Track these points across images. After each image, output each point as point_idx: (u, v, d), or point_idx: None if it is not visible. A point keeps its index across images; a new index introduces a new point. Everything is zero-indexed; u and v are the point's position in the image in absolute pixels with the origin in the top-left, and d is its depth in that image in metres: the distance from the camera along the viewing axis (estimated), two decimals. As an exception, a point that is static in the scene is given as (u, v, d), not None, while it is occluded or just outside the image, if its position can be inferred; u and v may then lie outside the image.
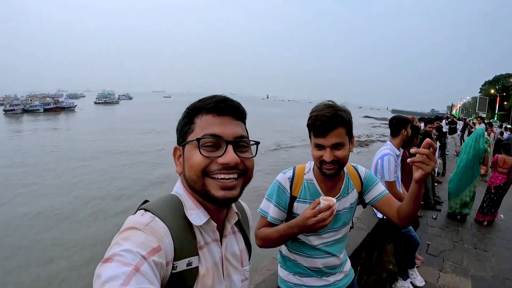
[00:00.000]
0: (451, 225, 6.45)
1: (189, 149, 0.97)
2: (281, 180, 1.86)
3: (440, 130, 9.97)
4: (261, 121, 53.21)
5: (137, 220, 0.88)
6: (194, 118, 0.99)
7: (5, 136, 36.29)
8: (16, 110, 77.96)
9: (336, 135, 1.62)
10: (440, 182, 9.80)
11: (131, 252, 0.76)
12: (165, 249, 0.84)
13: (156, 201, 0.98)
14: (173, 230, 0.90)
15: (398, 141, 3.78)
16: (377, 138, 35.78)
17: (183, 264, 0.91)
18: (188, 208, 0.99)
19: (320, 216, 1.48)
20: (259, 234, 1.84)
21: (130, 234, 0.82)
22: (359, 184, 1.93)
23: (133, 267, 0.73)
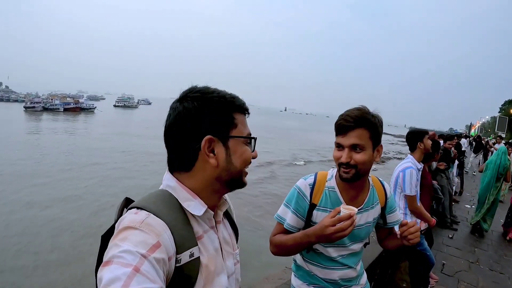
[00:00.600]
0: (467, 245, 6.31)
1: (237, 143, 1.03)
2: (301, 186, 1.80)
3: (459, 148, 9.83)
4: (279, 134, 53.28)
5: (132, 218, 0.86)
6: (233, 114, 1.04)
7: (24, 131, 36.93)
8: (37, 107, 79.67)
9: (357, 136, 1.56)
10: (457, 201, 9.61)
11: (130, 252, 0.76)
12: (165, 244, 0.84)
13: (147, 197, 0.98)
14: (171, 223, 0.90)
15: (418, 154, 3.64)
16: (393, 155, 35.31)
17: (186, 256, 0.91)
18: (184, 200, 0.99)
19: (339, 226, 1.39)
20: (274, 240, 1.79)
21: (128, 234, 0.81)
22: (383, 199, 1.87)
23: (133, 267, 0.73)
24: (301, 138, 52.60)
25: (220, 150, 1.00)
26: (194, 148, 0.99)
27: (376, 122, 1.60)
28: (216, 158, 1.00)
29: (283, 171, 22.81)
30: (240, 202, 13.88)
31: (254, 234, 10.82)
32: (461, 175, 10.80)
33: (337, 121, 1.63)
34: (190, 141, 0.99)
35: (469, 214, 8.55)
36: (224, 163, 1.01)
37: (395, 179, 3.59)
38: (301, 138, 53.30)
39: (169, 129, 1.02)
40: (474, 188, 12.01)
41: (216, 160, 1.00)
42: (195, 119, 0.98)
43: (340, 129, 1.60)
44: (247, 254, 8.21)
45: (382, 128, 1.64)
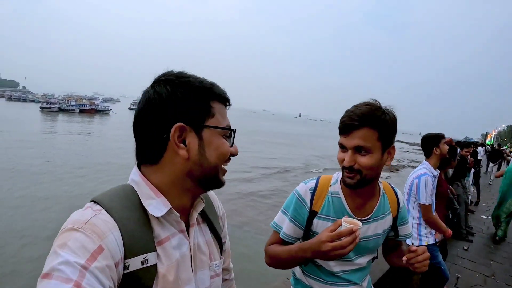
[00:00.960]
0: (483, 258, 6.07)
1: (212, 134, 0.91)
2: (300, 191, 1.60)
3: (475, 157, 9.59)
4: (293, 140, 53.29)
5: (78, 218, 0.77)
6: (210, 102, 0.93)
7: (40, 131, 37.37)
8: (53, 108, 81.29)
9: (361, 137, 1.36)
10: (473, 212, 9.34)
11: (69, 264, 0.68)
12: (109, 247, 0.74)
13: (107, 192, 0.87)
14: (122, 223, 0.79)
15: (434, 160, 3.42)
16: (408, 164, 34.87)
17: (137, 262, 0.80)
18: (145, 198, 0.87)
19: (338, 243, 1.20)
20: (269, 251, 1.62)
21: (68, 239, 0.72)
22: (395, 208, 1.66)
23: (73, 283, 0.65)
24: (315, 145, 52.41)
25: (193, 141, 0.89)
26: (162, 137, 0.87)
27: (387, 119, 1.38)
28: (187, 150, 0.88)
29: (299, 179, 22.70)
30: (255, 211, 13.79)
31: (259, 241, 10.64)
32: (477, 185, 10.54)
33: (342, 117, 1.44)
34: (158, 128, 0.87)
35: (485, 225, 8.32)
36: (196, 156, 0.89)
37: (409, 187, 3.39)
38: (315, 144, 53.12)
39: (138, 116, 0.90)
40: (490, 198, 11.75)
41: (186, 151, 0.88)
42: (166, 104, 0.87)
43: (343, 127, 1.41)
44: (249, 263, 8.05)
45: (395, 127, 1.43)
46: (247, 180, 19.35)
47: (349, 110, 1.42)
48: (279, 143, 43.48)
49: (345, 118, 1.40)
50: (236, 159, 1.07)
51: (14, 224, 11.16)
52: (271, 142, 44.60)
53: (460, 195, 6.60)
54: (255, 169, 23.00)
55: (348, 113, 1.40)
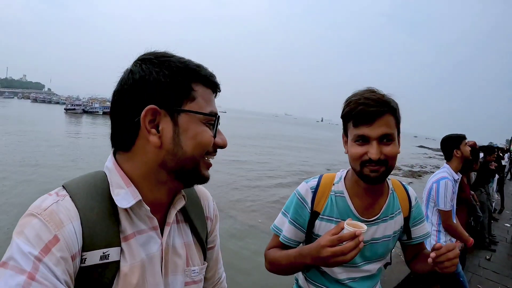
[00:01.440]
0: (506, 268, 5.83)
1: (190, 120, 0.81)
2: (301, 191, 1.49)
3: (499, 162, 9.30)
4: (318, 144, 52.98)
5: (39, 203, 0.73)
6: (192, 84, 0.82)
7: (65, 132, 38.09)
8: (77, 110, 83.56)
9: (385, 124, 1.24)
10: (497, 220, 9.00)
11: (23, 253, 0.65)
12: (66, 238, 0.69)
13: (78, 177, 0.82)
14: (83, 212, 0.73)
15: (455, 164, 3.23)
16: (430, 170, 34.07)
17: (95, 256, 0.73)
18: (115, 187, 0.79)
19: (339, 248, 1.09)
20: (268, 255, 1.51)
21: (25, 225, 0.69)
22: (407, 208, 1.53)
23: (27, 275, 0.63)
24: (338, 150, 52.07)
25: (167, 126, 0.79)
26: (134, 121, 0.78)
27: (397, 105, 1.31)
28: (159, 137, 0.78)
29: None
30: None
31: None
32: (502, 192, 10.21)
33: (352, 107, 1.29)
34: (130, 112, 0.79)
35: (508, 234, 8.01)
36: (170, 144, 0.79)
37: (428, 191, 3.23)
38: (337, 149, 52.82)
39: (112, 98, 0.83)
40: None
41: (159, 139, 0.79)
42: (139, 85, 0.79)
43: (363, 116, 1.26)
44: (251, 269, 7.94)
45: (400, 113, 1.34)
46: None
47: (358, 98, 1.28)
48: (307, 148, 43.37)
49: (362, 106, 1.26)
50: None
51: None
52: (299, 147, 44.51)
53: (483, 202, 6.39)
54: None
55: (362, 100, 1.26)
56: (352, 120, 1.30)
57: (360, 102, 1.26)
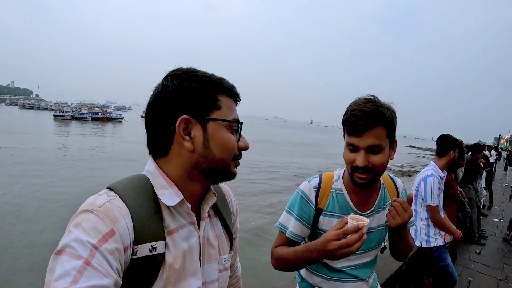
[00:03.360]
0: (496, 261, 6.01)
1: (220, 129, 0.93)
2: (304, 189, 1.59)
3: (486, 159, 9.49)
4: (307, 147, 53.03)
5: (92, 201, 0.80)
6: (217, 95, 0.94)
7: (53, 139, 37.84)
8: (66, 116, 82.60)
9: (374, 136, 1.34)
10: (486, 215, 9.20)
11: (80, 242, 0.71)
12: (120, 232, 0.77)
13: (122, 180, 0.91)
14: (134, 210, 0.82)
15: (444, 162, 3.41)
16: (420, 169, 34.53)
17: (145, 249, 0.82)
18: (159, 188, 0.90)
19: (344, 241, 1.17)
20: (275, 253, 1.59)
21: (82, 219, 0.76)
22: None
23: (83, 260, 0.69)
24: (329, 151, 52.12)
25: (198, 133, 0.90)
26: (169, 129, 0.90)
27: (392, 116, 1.39)
28: (192, 142, 0.90)
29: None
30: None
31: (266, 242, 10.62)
32: (490, 188, 10.39)
33: (347, 116, 1.39)
34: (166, 121, 0.90)
35: (497, 228, 8.21)
36: (201, 148, 0.90)
37: (416, 188, 3.40)
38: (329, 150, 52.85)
39: (148, 110, 0.95)
40: (503, 201, 11.60)
41: (192, 144, 0.90)
42: (172, 97, 0.90)
43: (354, 128, 1.37)
44: (255, 262, 8.14)
45: (396, 121, 1.43)
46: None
47: (353, 108, 1.38)
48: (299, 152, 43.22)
49: (354, 117, 1.36)
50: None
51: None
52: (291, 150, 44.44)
53: (471, 198, 6.54)
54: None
55: (356, 112, 1.36)
56: (346, 128, 1.42)
57: (353, 114, 1.36)
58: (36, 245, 10.28)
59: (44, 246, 10.03)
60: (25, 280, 8.49)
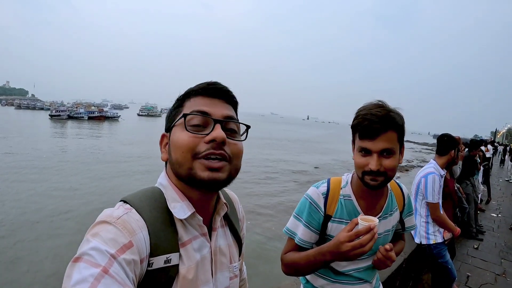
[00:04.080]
0: (494, 256, 6.05)
1: (175, 131, 0.93)
2: (313, 196, 1.59)
3: (484, 155, 9.53)
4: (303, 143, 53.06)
5: (110, 213, 0.82)
6: (184, 102, 0.97)
7: (50, 139, 37.81)
8: (62, 115, 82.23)
9: (387, 140, 1.37)
10: (483, 210, 9.24)
11: (99, 250, 0.72)
12: (138, 244, 0.79)
13: (137, 192, 0.93)
14: (150, 223, 0.84)
15: (444, 160, 3.48)
16: (417, 164, 34.44)
17: (160, 261, 0.84)
18: (171, 201, 0.92)
19: (357, 241, 1.21)
20: (286, 259, 1.60)
21: (100, 230, 0.77)
22: (401, 203, 1.71)
23: (101, 268, 0.69)
24: (326, 147, 52.12)
25: (167, 143, 0.97)
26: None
27: (402, 122, 1.42)
28: (166, 153, 0.97)
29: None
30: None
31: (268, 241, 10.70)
32: (488, 183, 10.42)
33: (359, 121, 1.41)
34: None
35: (495, 223, 8.26)
36: (168, 155, 0.95)
37: (417, 186, 3.45)
38: (325, 146, 52.86)
39: None
40: (500, 196, 11.66)
41: (165, 154, 0.97)
42: (165, 121, 1.02)
43: (367, 131, 1.38)
44: (258, 261, 8.16)
45: (404, 126, 1.46)
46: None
47: (365, 113, 1.40)
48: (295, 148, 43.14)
49: (367, 122, 1.37)
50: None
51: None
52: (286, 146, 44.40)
53: (469, 193, 6.59)
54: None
55: (367, 116, 1.38)
56: (358, 133, 1.43)
57: (366, 118, 1.37)
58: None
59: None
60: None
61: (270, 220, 13.11)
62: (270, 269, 7.87)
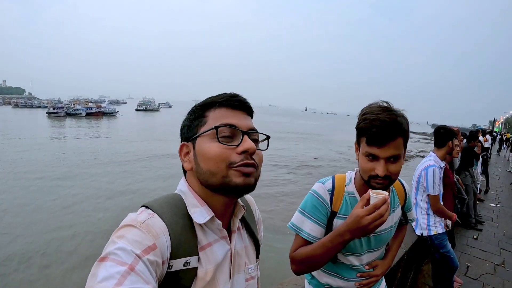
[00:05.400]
0: (493, 246, 6.10)
1: (203, 142, 0.96)
2: (319, 191, 1.61)
3: (482, 145, 9.56)
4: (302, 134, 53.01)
5: (135, 217, 0.86)
6: (206, 112, 1.00)
7: (48, 137, 37.91)
8: (60, 113, 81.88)
9: (394, 146, 1.38)
10: (482, 200, 9.30)
11: (125, 250, 0.75)
12: (161, 247, 0.82)
13: (158, 198, 0.97)
14: (171, 227, 0.88)
15: (443, 152, 3.53)
16: (416, 154, 34.54)
17: (180, 263, 0.88)
18: (191, 206, 0.96)
19: (376, 212, 1.25)
20: (297, 256, 1.58)
21: (126, 232, 0.80)
22: (403, 198, 1.76)
23: (127, 266, 0.72)
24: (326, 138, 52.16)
25: (191, 153, 1.00)
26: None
27: (407, 126, 1.43)
28: (190, 162, 1.00)
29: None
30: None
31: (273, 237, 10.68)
32: (486, 173, 10.47)
33: (367, 126, 1.40)
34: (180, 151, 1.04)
35: (494, 213, 8.32)
36: (195, 165, 0.98)
37: (417, 179, 3.50)
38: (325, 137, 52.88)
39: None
40: (499, 186, 11.71)
41: (189, 163, 1.00)
42: (180, 130, 1.06)
43: (376, 139, 1.38)
44: (263, 256, 8.03)
45: (409, 129, 1.48)
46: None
47: (374, 119, 1.39)
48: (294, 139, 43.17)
49: (375, 128, 1.37)
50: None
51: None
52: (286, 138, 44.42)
53: (468, 184, 6.62)
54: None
55: (377, 122, 1.37)
56: (365, 138, 1.42)
57: (375, 124, 1.37)
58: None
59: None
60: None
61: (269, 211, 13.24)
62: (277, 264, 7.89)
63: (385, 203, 1.26)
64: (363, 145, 1.45)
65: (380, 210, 1.25)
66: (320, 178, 1.75)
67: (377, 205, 1.26)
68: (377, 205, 1.26)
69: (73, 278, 9.01)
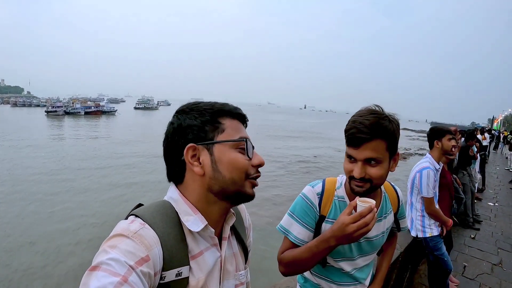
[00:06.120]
0: (490, 246, 6.09)
1: (226, 150, 0.97)
2: (308, 195, 1.60)
3: (480, 144, 9.57)
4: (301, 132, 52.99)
5: (126, 226, 0.84)
6: (219, 119, 0.99)
7: (47, 135, 37.75)
8: (58, 111, 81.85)
9: (372, 149, 1.34)
10: (480, 199, 9.27)
11: (118, 261, 0.74)
12: (153, 258, 0.81)
13: (148, 207, 0.95)
14: (163, 238, 0.87)
15: (437, 153, 3.49)
16: (415, 151, 34.66)
17: (172, 274, 0.87)
18: (184, 214, 0.95)
19: (362, 221, 1.24)
20: (284, 259, 1.58)
21: (118, 242, 0.79)
22: (396, 206, 1.73)
23: (121, 277, 0.71)
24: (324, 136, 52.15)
25: (206, 158, 0.96)
26: (180, 159, 0.97)
27: (394, 128, 1.38)
28: (201, 167, 0.96)
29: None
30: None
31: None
32: (483, 172, 10.47)
33: (348, 127, 1.40)
34: (176, 153, 0.98)
35: (492, 212, 8.31)
36: (211, 171, 0.96)
37: (412, 181, 3.48)
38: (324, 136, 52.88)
39: (163, 145, 1.02)
40: (497, 185, 11.71)
41: (201, 168, 0.96)
42: (178, 131, 0.98)
43: (352, 140, 1.37)
44: (256, 258, 8.03)
45: (399, 134, 1.43)
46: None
47: (355, 120, 1.38)
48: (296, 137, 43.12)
49: (353, 129, 1.36)
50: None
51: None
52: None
53: (466, 183, 6.60)
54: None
55: (356, 124, 1.36)
56: (346, 139, 1.42)
57: (354, 125, 1.37)
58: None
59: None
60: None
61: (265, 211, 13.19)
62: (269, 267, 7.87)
63: (371, 212, 1.25)
64: (346, 147, 1.45)
65: (366, 219, 1.24)
66: (320, 177, 1.74)
67: (363, 214, 1.25)
68: (362, 213, 1.25)
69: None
